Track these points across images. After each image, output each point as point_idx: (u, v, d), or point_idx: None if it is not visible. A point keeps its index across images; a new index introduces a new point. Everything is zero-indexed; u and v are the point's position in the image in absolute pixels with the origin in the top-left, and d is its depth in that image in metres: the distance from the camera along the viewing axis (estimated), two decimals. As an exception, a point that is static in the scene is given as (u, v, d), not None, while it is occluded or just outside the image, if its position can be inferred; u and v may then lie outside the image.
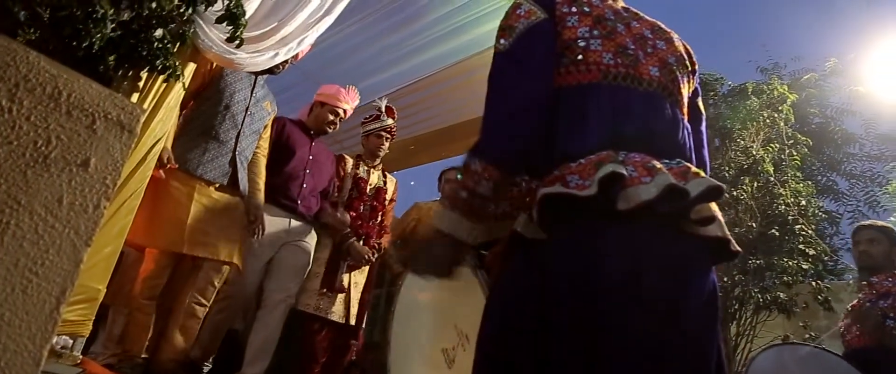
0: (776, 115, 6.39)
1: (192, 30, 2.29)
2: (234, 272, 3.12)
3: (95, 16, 1.82)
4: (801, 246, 5.82)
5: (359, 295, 3.81)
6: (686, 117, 1.35)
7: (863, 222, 3.74)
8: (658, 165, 1.13)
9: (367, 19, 4.42)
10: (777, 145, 6.18)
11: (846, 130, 8.91)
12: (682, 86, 1.36)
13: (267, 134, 3.30)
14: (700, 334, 1.10)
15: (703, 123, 1.48)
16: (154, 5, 2.00)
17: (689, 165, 1.18)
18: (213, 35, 2.41)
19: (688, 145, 1.30)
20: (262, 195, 3.21)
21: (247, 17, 2.36)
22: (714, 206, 1.20)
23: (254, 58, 2.66)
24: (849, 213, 8.63)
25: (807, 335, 5.72)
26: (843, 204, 8.74)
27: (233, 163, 2.97)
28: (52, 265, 1.02)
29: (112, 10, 1.88)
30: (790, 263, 5.67)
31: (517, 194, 1.27)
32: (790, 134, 6.43)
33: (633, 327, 1.04)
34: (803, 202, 6.03)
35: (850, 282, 6.29)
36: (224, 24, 2.27)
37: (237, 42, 2.36)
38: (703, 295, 1.13)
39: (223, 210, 2.94)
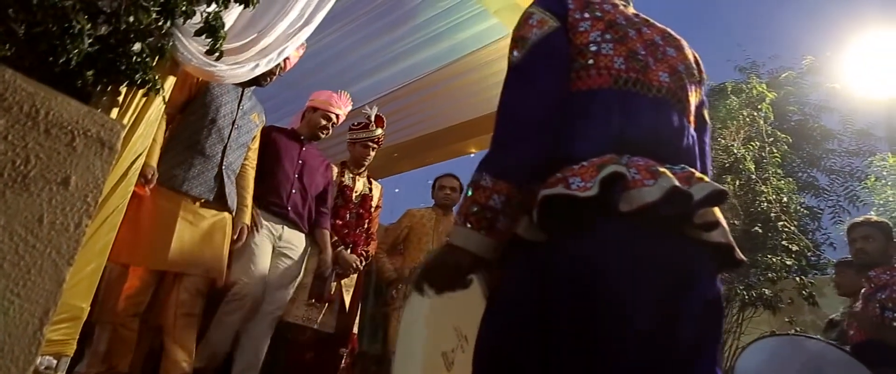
0: (755, 113, 6.46)
1: (170, 43, 2.28)
2: (238, 276, 3.10)
3: (72, 31, 1.80)
4: (784, 242, 5.88)
5: (349, 303, 3.79)
6: (692, 125, 1.35)
7: (856, 219, 3.76)
8: (662, 169, 1.13)
9: (347, 28, 4.42)
10: (757, 143, 6.24)
11: (825, 127, 9.05)
12: (690, 94, 1.36)
13: (255, 146, 3.27)
14: (701, 340, 1.11)
15: (708, 133, 1.48)
16: (132, 19, 1.98)
17: (693, 170, 1.18)
18: (192, 48, 2.40)
19: (693, 153, 1.30)
20: (249, 212, 3.17)
21: (226, 28, 2.35)
22: (718, 212, 1.20)
23: (234, 70, 2.64)
24: (830, 208, 8.76)
25: (793, 331, 5.77)
26: (824, 200, 8.86)
27: (219, 178, 2.93)
28: (34, 286, 1.00)
29: (89, 25, 1.86)
30: (774, 259, 5.72)
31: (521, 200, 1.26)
32: (770, 132, 6.50)
33: (633, 330, 1.04)
34: (785, 199, 6.09)
35: (834, 276, 6.37)
36: (203, 36, 2.26)
37: (217, 54, 2.35)
38: (706, 301, 1.13)
39: (210, 227, 2.91)
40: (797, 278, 5.98)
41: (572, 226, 1.13)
